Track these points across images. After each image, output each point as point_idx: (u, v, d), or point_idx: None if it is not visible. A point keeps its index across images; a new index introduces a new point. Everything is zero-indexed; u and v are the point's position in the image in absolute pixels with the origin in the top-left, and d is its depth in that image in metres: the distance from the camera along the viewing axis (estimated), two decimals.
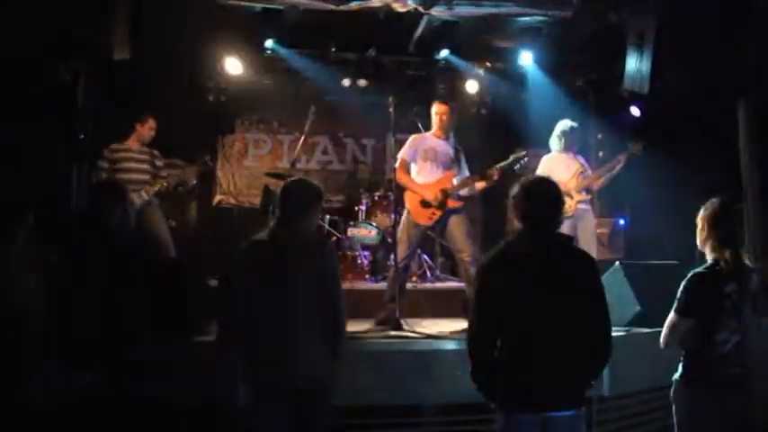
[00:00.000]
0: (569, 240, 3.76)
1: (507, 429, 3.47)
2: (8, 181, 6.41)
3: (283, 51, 9.32)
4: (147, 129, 7.59)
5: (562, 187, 7.12)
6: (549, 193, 3.65)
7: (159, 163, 7.68)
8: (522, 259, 3.52)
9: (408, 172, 6.93)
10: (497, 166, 6.84)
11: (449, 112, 6.98)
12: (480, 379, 3.54)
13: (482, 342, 3.53)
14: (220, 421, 5.09)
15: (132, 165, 7.44)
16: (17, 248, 4.37)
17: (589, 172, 7.62)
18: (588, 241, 7.23)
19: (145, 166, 7.52)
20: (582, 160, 7.72)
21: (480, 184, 6.90)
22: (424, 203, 6.74)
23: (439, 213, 6.73)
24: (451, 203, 6.74)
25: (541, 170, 7.51)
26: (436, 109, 7.01)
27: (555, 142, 7.69)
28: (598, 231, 8.27)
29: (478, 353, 3.54)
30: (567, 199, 7.22)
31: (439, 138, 6.99)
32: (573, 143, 7.68)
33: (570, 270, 3.53)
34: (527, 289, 3.44)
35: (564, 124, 7.73)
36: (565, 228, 6.82)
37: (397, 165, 6.90)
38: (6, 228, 4.36)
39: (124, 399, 3.92)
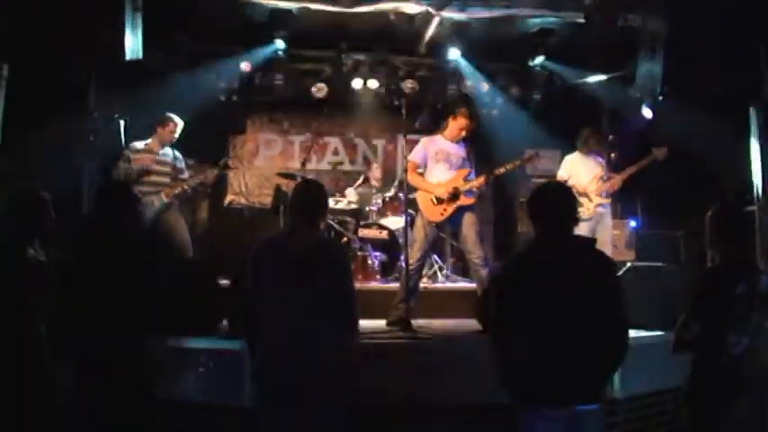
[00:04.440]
0: (589, 242, 3.81)
1: (532, 425, 3.51)
2: (21, 180, 6.45)
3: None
4: (168, 131, 7.50)
5: (581, 189, 7.23)
6: (563, 196, 3.74)
7: (180, 165, 7.62)
8: (543, 260, 3.60)
9: (419, 174, 6.97)
10: (505, 166, 6.91)
11: (470, 127, 7.05)
12: (505, 376, 3.63)
13: (505, 340, 3.62)
14: (230, 421, 5.12)
15: (153, 166, 7.35)
16: (31, 249, 4.40)
17: (608, 176, 7.63)
18: (605, 243, 7.23)
19: (166, 169, 7.44)
20: (603, 162, 7.75)
21: (484, 178, 6.93)
22: (436, 200, 6.78)
23: (450, 209, 6.79)
24: (462, 200, 6.78)
25: (563, 170, 7.64)
26: (461, 123, 7.04)
27: (579, 143, 7.74)
28: (612, 233, 8.27)
29: (502, 351, 3.64)
30: (585, 201, 7.31)
31: (450, 140, 7.02)
32: (594, 145, 7.72)
33: (589, 270, 3.59)
34: (548, 289, 3.50)
35: (584, 126, 7.79)
36: (584, 230, 6.89)
37: (407, 167, 6.90)
38: (21, 228, 4.39)
39: (132, 398, 3.93)
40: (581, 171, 7.54)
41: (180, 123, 7.61)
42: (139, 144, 7.40)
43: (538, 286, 3.54)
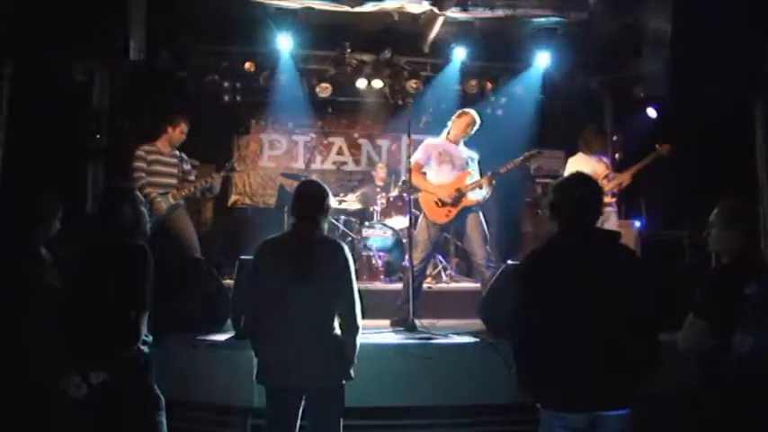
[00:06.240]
0: (613, 237, 3.71)
1: (551, 428, 3.43)
2: (25, 181, 6.46)
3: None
4: (178, 132, 7.42)
5: None
6: (583, 188, 3.63)
7: (187, 167, 7.54)
8: (563, 257, 3.49)
9: (423, 175, 6.95)
10: (507, 165, 6.90)
11: (473, 124, 7.02)
12: (526, 379, 3.52)
13: (527, 341, 3.50)
14: (235, 420, 5.12)
15: (161, 168, 7.29)
16: (36, 249, 4.40)
17: (613, 175, 7.64)
18: None
19: (173, 170, 7.37)
20: (607, 162, 7.77)
21: (488, 178, 6.90)
22: (440, 203, 6.77)
23: (455, 211, 6.77)
24: (466, 201, 6.76)
25: (567, 172, 7.60)
26: (465, 120, 7.02)
27: (582, 144, 7.75)
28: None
29: (524, 352, 3.52)
30: None
31: (452, 142, 7.02)
32: (597, 145, 7.73)
33: (613, 267, 3.47)
34: (568, 287, 3.40)
35: (586, 127, 7.79)
36: None
37: (411, 168, 6.88)
38: (26, 229, 4.39)
39: (135, 398, 3.93)
40: (585, 171, 7.52)
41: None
42: (147, 146, 7.34)
43: (556, 284, 3.42)
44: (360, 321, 4.03)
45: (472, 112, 7.11)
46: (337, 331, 3.97)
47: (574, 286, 3.40)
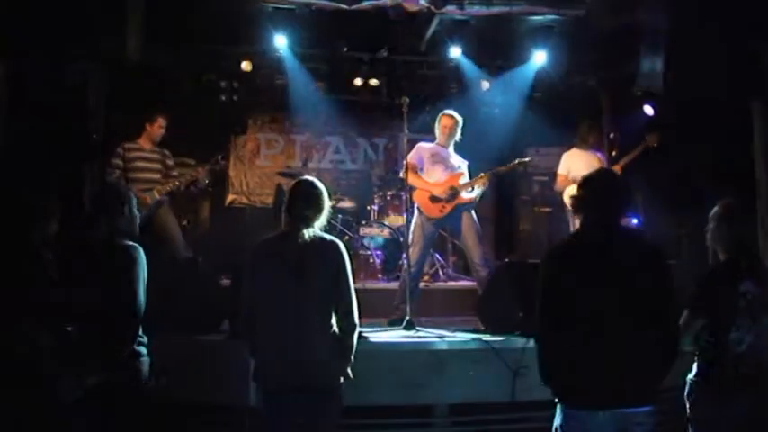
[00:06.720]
0: (638, 234, 3.69)
1: (571, 426, 3.39)
2: (22, 181, 6.45)
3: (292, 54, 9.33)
4: (156, 128, 7.50)
5: None
6: (606, 184, 3.59)
7: (170, 162, 7.60)
8: (586, 252, 3.45)
9: (417, 174, 6.96)
10: (499, 168, 6.94)
11: (454, 126, 7.07)
12: (548, 375, 3.47)
13: (549, 336, 3.46)
14: (234, 420, 5.12)
15: (144, 164, 7.37)
16: (35, 249, 4.40)
17: None
18: None
19: (156, 166, 7.45)
20: (601, 157, 7.79)
21: (483, 179, 6.94)
22: (434, 199, 6.79)
23: (449, 207, 6.82)
24: (460, 199, 6.83)
25: (562, 167, 7.74)
26: (444, 122, 7.12)
27: (577, 139, 7.80)
28: None
29: (546, 348, 3.48)
30: None
31: (443, 146, 7.12)
32: (592, 140, 7.77)
33: (636, 263, 3.42)
34: (591, 283, 3.35)
35: (582, 122, 7.82)
36: None
37: (405, 168, 6.88)
38: (25, 229, 4.39)
39: (133, 397, 3.93)
40: (580, 166, 7.54)
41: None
42: (129, 143, 7.40)
43: (579, 280, 3.37)
44: (357, 320, 4.02)
45: (451, 112, 7.20)
46: (335, 330, 3.97)
47: (597, 282, 3.35)
